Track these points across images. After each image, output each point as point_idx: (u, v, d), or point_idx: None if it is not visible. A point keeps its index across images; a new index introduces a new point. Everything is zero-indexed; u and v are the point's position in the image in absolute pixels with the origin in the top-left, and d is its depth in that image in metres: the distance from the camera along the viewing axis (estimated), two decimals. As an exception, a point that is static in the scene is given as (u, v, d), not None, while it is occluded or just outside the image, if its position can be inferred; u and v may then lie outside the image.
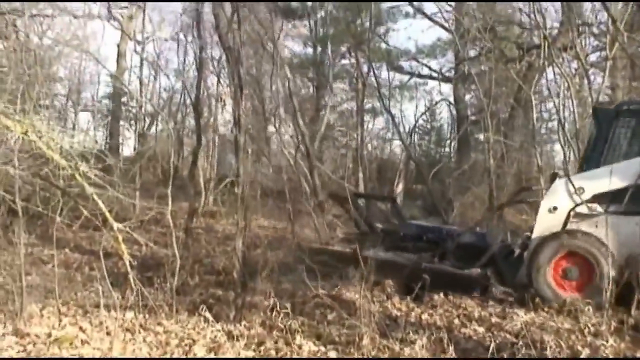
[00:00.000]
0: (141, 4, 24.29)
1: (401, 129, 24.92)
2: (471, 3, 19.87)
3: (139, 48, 27.52)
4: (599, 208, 8.84)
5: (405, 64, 28.92)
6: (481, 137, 23.08)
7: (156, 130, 30.94)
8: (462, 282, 8.81)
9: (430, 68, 28.42)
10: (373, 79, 22.69)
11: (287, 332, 6.76)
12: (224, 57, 17.05)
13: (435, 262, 9.46)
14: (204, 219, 17.43)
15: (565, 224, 8.86)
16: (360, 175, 24.23)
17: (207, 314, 7.11)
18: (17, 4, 14.35)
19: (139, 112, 29.77)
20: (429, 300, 8.57)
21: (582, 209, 8.85)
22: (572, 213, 8.86)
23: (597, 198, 8.85)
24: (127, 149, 31.27)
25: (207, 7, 13.08)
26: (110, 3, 18.83)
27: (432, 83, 29.85)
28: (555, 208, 8.99)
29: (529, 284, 8.86)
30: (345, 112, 31.64)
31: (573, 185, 8.92)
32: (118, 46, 27.93)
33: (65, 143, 4.67)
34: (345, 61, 31.10)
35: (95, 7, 18.84)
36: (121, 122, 30.81)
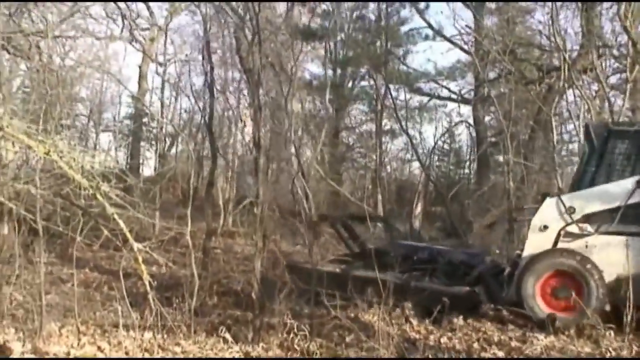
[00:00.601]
0: (162, 26, 24.48)
1: (420, 151, 24.91)
2: (490, 25, 19.92)
3: (160, 70, 27.77)
4: (589, 228, 8.85)
5: (424, 85, 28.92)
6: (501, 158, 22.95)
7: (176, 151, 31.17)
8: (450, 300, 8.67)
9: (449, 90, 28.40)
10: (391, 100, 22.72)
11: (305, 353, 6.74)
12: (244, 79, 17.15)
13: (424, 281, 9.49)
14: (222, 239, 17.46)
15: (555, 243, 8.89)
16: (379, 196, 24.23)
17: (227, 335, 7.12)
18: (41, 26, 14.55)
19: (160, 133, 29.99)
20: (448, 323, 8.51)
21: (573, 229, 8.87)
22: (562, 232, 8.88)
23: (588, 218, 8.89)
24: (148, 169, 31.51)
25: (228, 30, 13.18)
26: (132, 26, 18.95)
27: (451, 105, 29.76)
28: (545, 227, 9.00)
29: (518, 302, 8.84)
30: (364, 133, 31.66)
31: (564, 204, 8.93)
32: (140, 67, 28.17)
33: (86, 163, 4.72)
34: (364, 83, 31.23)
35: (117, 29, 19.01)
36: (142, 143, 31.07)
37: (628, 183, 8.70)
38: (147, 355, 6.51)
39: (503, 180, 18.32)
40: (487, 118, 26.46)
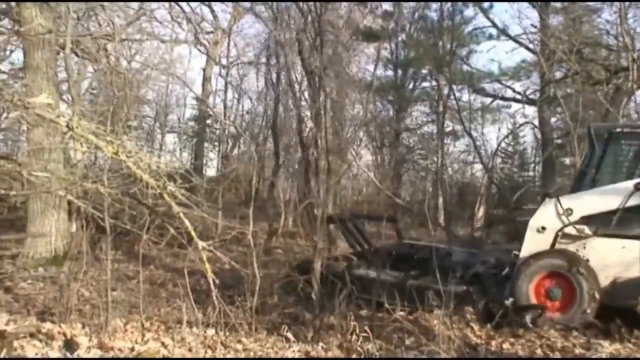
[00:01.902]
0: (226, 29, 24.81)
1: (483, 152, 24.64)
2: (556, 24, 19.59)
3: (223, 72, 28.13)
4: (587, 230, 8.78)
5: (488, 86, 28.56)
6: (567, 161, 22.60)
7: (239, 152, 31.51)
8: (448, 299, 8.50)
9: (514, 90, 27.93)
10: (454, 101, 22.54)
11: (365, 355, 6.76)
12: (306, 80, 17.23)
13: (422, 280, 9.50)
14: (283, 239, 17.60)
15: (553, 244, 8.85)
16: (440, 199, 24.07)
17: (289, 334, 7.18)
18: (108, 29, 14.91)
19: (223, 134, 30.39)
20: (510, 329, 8.43)
21: (571, 230, 8.81)
22: (560, 234, 8.83)
23: (586, 220, 8.81)
24: (211, 170, 31.95)
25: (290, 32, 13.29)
26: (197, 29, 19.27)
27: (515, 105, 29.31)
28: (543, 228, 8.95)
29: (513, 302, 8.74)
30: (426, 135, 31.49)
31: (562, 206, 8.88)
32: (204, 70, 28.58)
33: (152, 163, 4.84)
34: (426, 84, 31.04)
35: (182, 32, 19.35)
36: (205, 144, 31.51)
37: (627, 186, 8.62)
38: (209, 352, 6.62)
39: (570, 183, 18.05)
40: (553, 119, 26.05)
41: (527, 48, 23.90)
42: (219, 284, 5.83)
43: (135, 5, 16.77)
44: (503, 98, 28.94)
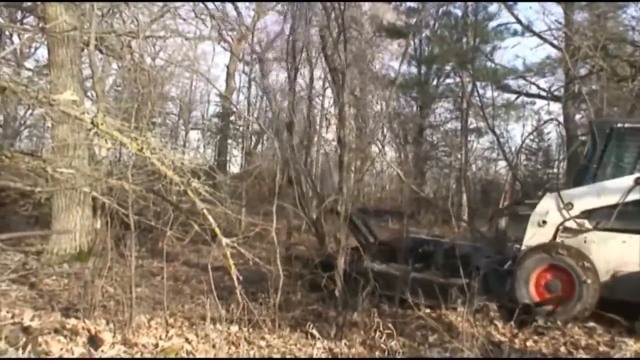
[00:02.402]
0: (249, 26, 24.85)
1: (507, 149, 24.47)
2: (581, 21, 19.41)
3: (247, 69, 28.18)
4: (587, 224, 8.86)
5: (512, 82, 28.36)
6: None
7: (262, 148, 31.56)
8: (446, 291, 8.72)
9: (538, 87, 27.73)
10: (477, 98, 22.41)
11: (388, 352, 6.74)
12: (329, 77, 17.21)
13: (424, 273, 9.69)
14: (306, 235, 17.57)
15: (553, 238, 8.95)
16: (464, 196, 23.95)
17: (314, 331, 7.18)
18: (132, 26, 14.97)
19: (246, 131, 30.45)
20: (534, 326, 8.38)
21: (571, 224, 8.89)
22: (560, 228, 8.92)
23: (586, 214, 8.91)
24: (235, 166, 32.03)
25: (314, 29, 13.26)
26: (221, 26, 19.31)
27: (540, 102, 29.11)
28: (544, 222, 9.06)
29: (512, 294, 8.88)
30: (449, 131, 31.34)
31: (562, 200, 8.96)
32: (227, 67, 28.66)
33: (176, 160, 4.85)
34: (449, 80, 30.89)
35: (206, 29, 19.40)
36: (229, 141, 31.59)
37: (627, 180, 8.71)
38: (233, 348, 6.63)
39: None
40: (577, 116, 25.80)
41: (552, 44, 23.74)
42: (242, 280, 5.82)
43: (159, 2, 16.86)
44: (527, 94, 28.75)
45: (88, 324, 6.80)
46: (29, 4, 18.31)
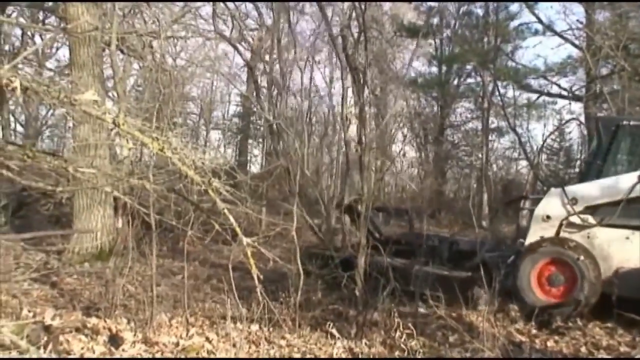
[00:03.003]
0: (270, 26, 24.88)
1: (528, 149, 24.33)
2: (602, 20, 19.25)
3: (267, 68, 28.19)
4: (591, 219, 8.91)
5: (533, 82, 28.17)
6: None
7: (283, 148, 31.54)
8: (450, 284, 8.81)
9: (559, 86, 27.51)
10: (499, 97, 22.29)
11: (409, 352, 6.71)
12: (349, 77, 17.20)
13: (428, 266, 9.74)
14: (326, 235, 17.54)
15: (557, 233, 9.00)
16: (485, 195, 23.84)
17: (334, 330, 7.17)
18: (153, 27, 15.04)
19: (267, 131, 30.46)
20: (555, 326, 8.34)
21: (575, 220, 8.96)
22: (564, 223, 8.99)
23: (591, 210, 8.98)
24: (255, 166, 32.09)
25: (334, 29, 13.27)
26: (241, 26, 19.37)
27: (561, 102, 28.87)
28: (548, 217, 9.14)
29: (514, 288, 8.98)
30: (470, 131, 31.22)
31: (566, 195, 9.02)
32: (248, 67, 28.65)
33: (197, 160, 4.85)
34: (470, 80, 30.77)
35: (227, 30, 19.47)
36: (249, 140, 31.65)
37: (631, 177, 8.74)
38: (253, 347, 6.63)
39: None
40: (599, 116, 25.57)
41: (573, 44, 23.59)
42: (263, 280, 5.82)
43: (180, 2, 16.92)
44: (549, 94, 28.54)
45: (109, 322, 6.84)
46: (50, 4, 18.47)
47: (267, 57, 27.16)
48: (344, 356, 6.58)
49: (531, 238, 9.24)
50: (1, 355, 4.87)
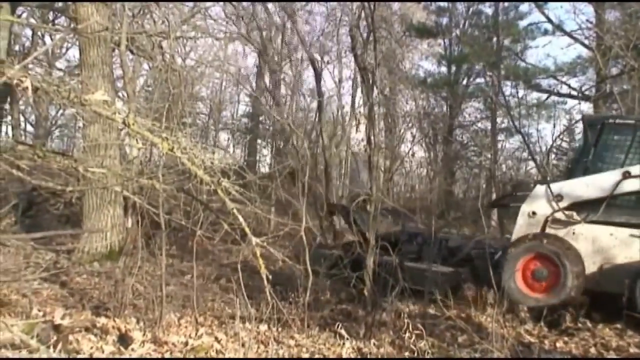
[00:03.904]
0: (279, 26, 24.91)
1: (537, 149, 24.24)
2: (612, 20, 19.17)
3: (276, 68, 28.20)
4: (576, 216, 9.08)
5: (543, 82, 28.05)
6: (623, 157, 22.03)
7: (292, 148, 31.57)
8: (436, 279, 9.04)
9: (569, 86, 27.38)
10: (507, 97, 22.22)
11: (418, 353, 6.70)
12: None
13: (416, 262, 10.05)
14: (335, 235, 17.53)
15: (543, 229, 9.18)
16: (494, 196, 23.77)
17: (342, 331, 7.17)
18: (163, 27, 15.07)
19: (276, 131, 30.48)
20: (564, 327, 8.33)
21: (560, 216, 9.12)
22: (549, 219, 9.16)
23: (576, 206, 9.17)
24: (264, 166, 32.09)
25: (344, 29, 13.28)
26: (249, 27, 19.40)
27: (571, 102, 28.73)
28: (534, 213, 9.33)
29: (501, 283, 8.96)
30: (479, 131, 31.11)
31: (552, 192, 9.19)
32: (257, 67, 28.71)
33: (207, 160, 4.86)
34: (480, 80, 30.67)
35: (236, 31, 19.50)
36: (258, 140, 31.65)
37: (615, 174, 8.93)
38: (262, 347, 6.64)
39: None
40: (609, 115, 25.44)
41: (583, 44, 23.49)
42: (272, 280, 5.83)
43: (189, 2, 16.96)
44: (559, 94, 28.42)
45: (118, 322, 6.86)
46: (60, 4, 18.54)
47: (276, 58, 27.30)
48: (352, 356, 6.59)
49: (517, 234, 9.41)
50: (11, 354, 4.90)
